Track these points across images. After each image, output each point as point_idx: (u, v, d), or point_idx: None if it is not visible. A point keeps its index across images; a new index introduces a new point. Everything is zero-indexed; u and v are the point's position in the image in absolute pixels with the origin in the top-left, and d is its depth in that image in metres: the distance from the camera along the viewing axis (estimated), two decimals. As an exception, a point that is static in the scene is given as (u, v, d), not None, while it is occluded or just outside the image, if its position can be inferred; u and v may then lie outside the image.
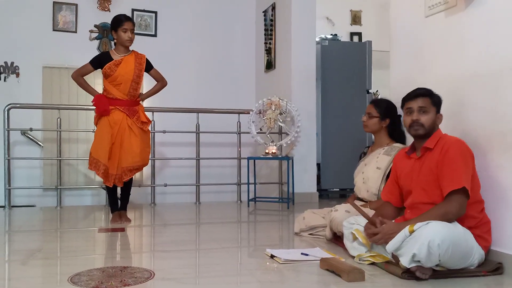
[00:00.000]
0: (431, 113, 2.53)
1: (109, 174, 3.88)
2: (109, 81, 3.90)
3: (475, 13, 2.65)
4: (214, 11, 6.59)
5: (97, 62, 3.93)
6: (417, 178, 2.52)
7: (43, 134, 5.86)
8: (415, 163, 2.57)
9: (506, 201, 2.41)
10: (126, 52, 3.96)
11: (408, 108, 2.58)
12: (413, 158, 2.59)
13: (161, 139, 5.58)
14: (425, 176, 2.48)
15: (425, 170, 2.48)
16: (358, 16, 7.79)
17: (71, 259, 2.80)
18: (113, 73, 3.87)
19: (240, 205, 5.28)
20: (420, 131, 2.51)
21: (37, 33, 5.91)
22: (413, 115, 2.54)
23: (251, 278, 2.38)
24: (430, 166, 2.45)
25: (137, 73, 3.94)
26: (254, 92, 6.63)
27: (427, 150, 2.51)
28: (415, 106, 2.54)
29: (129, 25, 3.89)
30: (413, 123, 2.53)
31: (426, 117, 2.51)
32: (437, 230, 2.13)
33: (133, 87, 3.94)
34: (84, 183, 6.01)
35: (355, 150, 3.95)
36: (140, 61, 3.98)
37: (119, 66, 3.87)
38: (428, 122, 2.51)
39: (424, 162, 2.51)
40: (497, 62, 2.49)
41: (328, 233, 3.11)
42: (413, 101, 2.56)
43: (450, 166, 2.35)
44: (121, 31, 3.87)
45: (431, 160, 2.46)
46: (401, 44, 3.42)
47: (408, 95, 2.60)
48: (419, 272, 2.20)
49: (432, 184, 2.44)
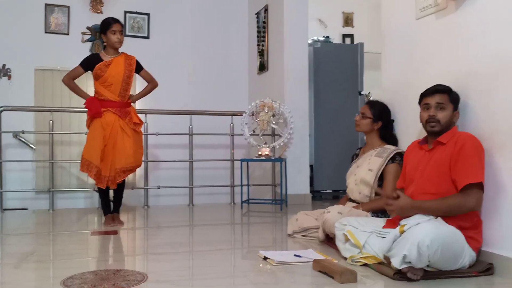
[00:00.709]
0: (448, 110, 2.54)
1: (102, 175, 3.89)
2: (99, 82, 3.92)
3: (465, 15, 2.68)
4: (207, 13, 6.60)
5: (87, 64, 3.95)
6: (424, 169, 2.54)
7: (35, 136, 5.83)
8: (425, 154, 2.59)
9: (498, 201, 2.43)
10: (116, 54, 3.99)
11: (426, 103, 2.59)
12: (424, 150, 2.62)
13: (154, 141, 5.57)
14: (433, 168, 2.50)
15: (433, 162, 2.50)
16: (350, 18, 7.83)
17: (64, 262, 2.79)
18: (103, 74, 3.88)
19: (233, 207, 5.29)
20: (436, 127, 2.53)
21: (29, 35, 5.89)
22: (430, 110, 2.55)
23: (244, 280, 2.38)
24: (441, 158, 2.46)
25: (127, 73, 3.96)
26: (247, 94, 6.64)
27: (439, 144, 2.53)
28: (432, 102, 2.56)
29: (118, 26, 3.92)
30: (430, 118, 2.54)
31: (444, 113, 2.53)
32: (427, 231, 2.14)
33: (123, 88, 3.95)
34: (77, 186, 5.98)
35: (347, 152, 3.97)
36: (130, 62, 4.01)
37: (109, 67, 3.90)
38: (445, 119, 2.52)
39: (434, 155, 2.53)
40: (488, 62, 2.51)
41: (321, 235, 3.12)
42: (431, 97, 2.57)
43: (467, 161, 2.37)
44: (110, 33, 3.91)
45: (443, 153, 2.47)
46: (393, 46, 3.45)
47: (427, 90, 2.61)
48: (410, 273, 2.21)
49: (440, 176, 2.45)
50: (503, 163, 2.41)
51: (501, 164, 2.43)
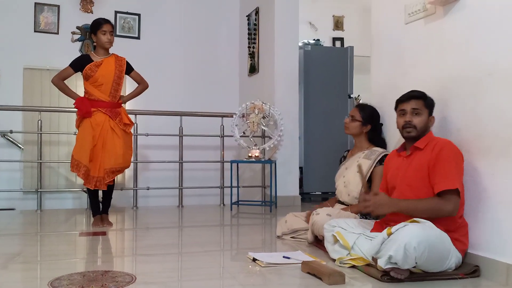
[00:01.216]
0: (424, 115, 2.59)
1: (91, 176, 3.87)
2: (90, 82, 3.91)
3: (454, 20, 2.71)
4: (198, 14, 6.60)
5: (77, 64, 3.93)
6: (404, 175, 2.58)
7: (23, 136, 5.79)
8: (404, 160, 2.63)
9: (483, 204, 2.46)
10: (106, 55, 3.98)
11: (402, 109, 2.64)
12: (402, 156, 2.66)
13: (144, 142, 5.56)
14: (412, 173, 2.53)
15: (413, 168, 2.54)
16: (340, 22, 7.88)
17: (51, 263, 2.77)
18: (94, 74, 3.87)
19: (223, 208, 5.29)
20: (412, 133, 2.57)
21: (18, 34, 5.85)
22: (406, 116, 2.60)
23: (233, 281, 2.39)
24: (420, 163, 2.50)
25: (117, 74, 3.96)
26: (237, 96, 6.65)
27: (416, 149, 2.58)
28: (408, 108, 2.60)
29: (108, 27, 3.92)
30: (406, 124, 2.58)
31: (419, 119, 2.58)
32: (414, 233, 2.16)
33: (114, 88, 3.95)
34: (65, 186, 5.95)
35: (337, 154, 4.00)
36: (120, 63, 4.01)
37: (100, 67, 3.89)
38: (421, 124, 2.57)
39: (413, 160, 2.57)
40: (475, 67, 2.55)
41: (310, 237, 3.13)
42: (406, 103, 2.62)
43: (444, 166, 2.40)
44: (100, 33, 3.91)
45: (421, 158, 2.51)
46: (382, 50, 3.48)
47: (402, 97, 2.66)
48: (394, 272, 2.23)
49: (419, 181, 2.49)
50: (487, 167, 2.44)
51: (485, 168, 2.45)
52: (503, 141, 2.35)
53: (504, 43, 2.36)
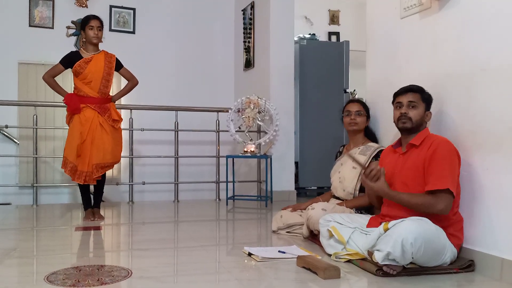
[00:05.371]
0: (420, 109, 2.59)
1: (79, 171, 3.89)
2: (79, 79, 3.93)
3: (449, 15, 2.71)
4: (193, 8, 6.58)
5: (67, 61, 3.95)
6: (399, 173, 2.59)
7: (19, 131, 5.77)
8: (399, 157, 2.64)
9: (477, 199, 2.47)
10: (96, 51, 4.00)
11: (398, 102, 2.65)
12: (398, 153, 2.67)
13: (139, 137, 5.55)
14: (408, 171, 2.54)
15: (408, 166, 2.55)
16: (336, 16, 7.87)
17: (47, 258, 2.77)
18: (83, 71, 3.89)
19: (218, 203, 5.29)
20: (407, 124, 2.58)
21: (13, 29, 5.82)
22: (402, 109, 2.61)
23: (229, 276, 2.40)
24: (415, 162, 2.51)
25: (107, 70, 3.97)
26: (233, 91, 6.64)
27: (412, 147, 2.58)
28: (404, 100, 2.61)
29: (96, 22, 3.93)
30: (401, 116, 2.59)
31: (415, 112, 2.58)
32: (410, 228, 2.17)
33: (103, 85, 3.97)
34: (61, 181, 5.94)
35: (332, 149, 4.01)
36: (110, 59, 4.02)
37: (89, 63, 3.91)
38: (416, 117, 2.58)
39: (408, 158, 2.57)
40: (469, 63, 2.55)
41: (305, 231, 3.15)
42: (403, 95, 2.64)
43: (437, 166, 2.40)
44: (87, 28, 3.94)
45: (417, 156, 2.52)
46: (377, 45, 3.48)
47: (400, 90, 2.68)
48: (387, 268, 2.25)
49: (414, 179, 2.50)
50: (482, 163, 2.45)
51: (480, 163, 2.47)
52: (496, 137, 2.36)
53: (497, 39, 2.37)
